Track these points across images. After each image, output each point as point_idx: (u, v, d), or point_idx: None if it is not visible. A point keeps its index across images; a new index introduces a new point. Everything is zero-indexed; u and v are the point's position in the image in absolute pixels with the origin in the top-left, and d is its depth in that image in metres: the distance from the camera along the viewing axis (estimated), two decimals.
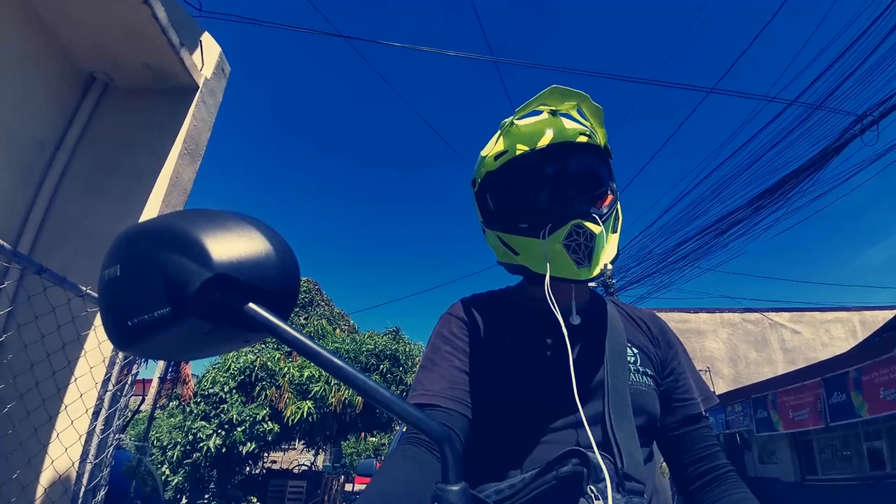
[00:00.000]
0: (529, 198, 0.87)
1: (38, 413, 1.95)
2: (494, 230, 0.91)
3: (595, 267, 0.83)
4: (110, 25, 2.53)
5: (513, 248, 0.88)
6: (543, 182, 0.86)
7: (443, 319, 0.97)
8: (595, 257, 0.82)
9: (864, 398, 6.96)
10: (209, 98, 3.02)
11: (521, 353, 0.89)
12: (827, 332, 14.93)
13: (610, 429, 0.80)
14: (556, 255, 0.82)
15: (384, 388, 0.38)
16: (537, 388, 0.85)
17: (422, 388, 0.86)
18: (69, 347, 2.01)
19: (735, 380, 13.59)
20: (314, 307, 14.90)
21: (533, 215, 0.86)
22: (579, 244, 0.81)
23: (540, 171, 0.86)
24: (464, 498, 0.39)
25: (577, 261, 0.81)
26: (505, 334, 0.92)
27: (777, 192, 6.64)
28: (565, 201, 0.84)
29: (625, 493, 0.75)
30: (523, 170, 0.86)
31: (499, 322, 0.94)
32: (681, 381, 0.94)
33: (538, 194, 0.86)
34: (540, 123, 0.86)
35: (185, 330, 0.34)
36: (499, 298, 1.00)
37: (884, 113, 5.35)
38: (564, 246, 0.81)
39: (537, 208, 0.86)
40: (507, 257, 0.91)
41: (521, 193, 0.88)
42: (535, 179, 0.87)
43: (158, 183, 2.69)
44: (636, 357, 0.91)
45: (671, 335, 1.00)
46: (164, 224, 0.36)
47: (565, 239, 0.81)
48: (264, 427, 9.25)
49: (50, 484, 2.05)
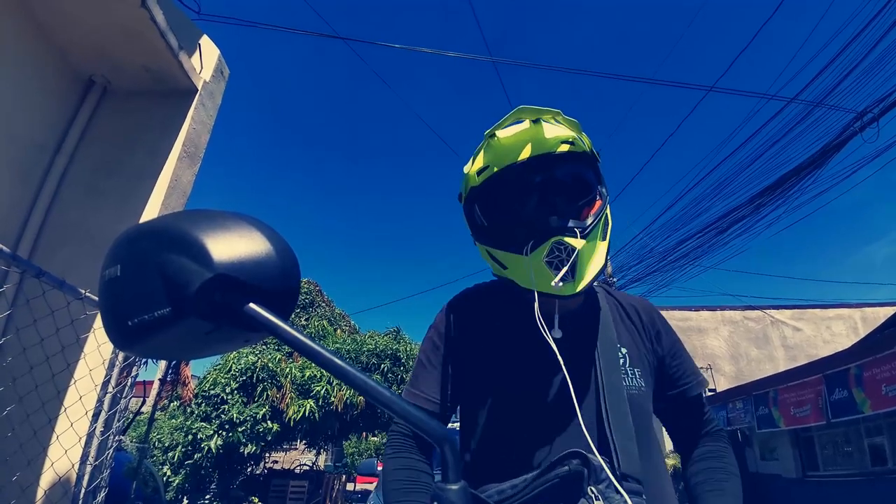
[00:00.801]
0: (513, 212, 0.87)
1: (37, 415, 1.95)
2: (483, 244, 0.91)
3: (580, 281, 0.82)
4: (109, 28, 2.53)
5: (500, 263, 0.88)
6: (527, 195, 0.85)
7: (441, 314, 0.98)
8: (579, 272, 0.82)
9: (866, 395, 6.96)
10: (208, 101, 3.02)
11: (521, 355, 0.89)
12: (828, 329, 14.94)
13: (608, 430, 0.81)
14: (539, 272, 0.81)
15: (384, 388, 0.38)
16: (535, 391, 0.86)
17: (416, 388, 0.91)
18: (68, 350, 2.00)
19: (736, 377, 13.59)
20: (315, 308, 14.89)
21: (516, 231, 0.85)
22: (561, 260, 0.80)
23: (523, 185, 0.85)
24: (463, 497, 0.39)
25: (563, 277, 0.80)
26: (504, 334, 0.92)
27: (778, 189, 6.64)
28: (546, 217, 0.83)
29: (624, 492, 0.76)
30: (506, 184, 0.86)
31: (498, 320, 0.94)
32: (675, 363, 0.97)
33: (522, 208, 0.86)
34: (521, 134, 0.85)
35: (186, 330, 0.34)
36: (503, 290, 0.99)
37: (884, 110, 5.35)
38: (546, 263, 0.81)
39: (521, 223, 0.85)
40: (497, 270, 0.91)
41: (505, 208, 0.88)
42: (518, 193, 0.86)
43: (158, 185, 2.69)
44: (625, 358, 0.92)
45: (661, 322, 1.01)
46: (164, 224, 0.36)
47: (546, 256, 0.81)
48: (265, 427, 9.25)
49: (50, 486, 2.05)
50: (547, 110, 0.85)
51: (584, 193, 0.87)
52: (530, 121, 0.86)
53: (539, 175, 0.84)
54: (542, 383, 0.86)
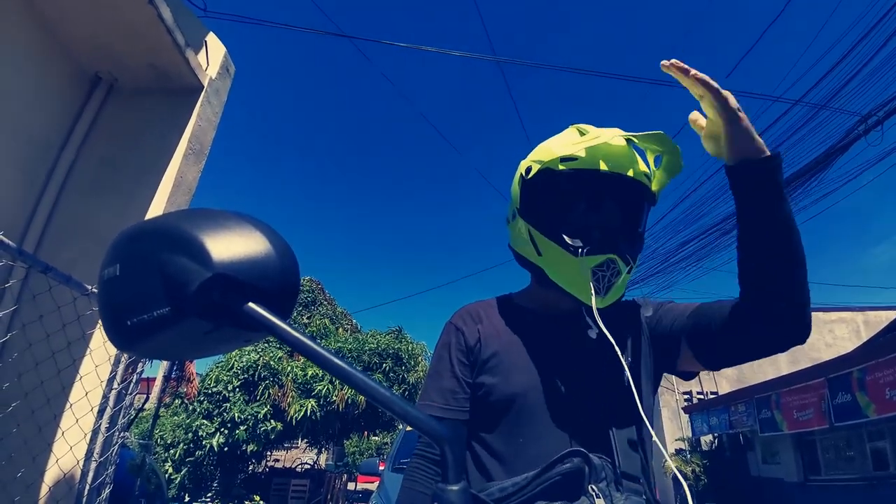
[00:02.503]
0: (578, 211, 0.88)
1: (42, 412, 1.96)
2: (528, 223, 0.90)
3: (609, 300, 0.85)
4: (115, 25, 2.54)
5: (538, 247, 0.88)
6: (597, 204, 0.88)
7: (446, 329, 0.99)
8: (612, 292, 0.85)
9: (870, 398, 6.92)
10: (214, 98, 3.02)
11: (523, 357, 0.90)
12: (831, 333, 14.85)
13: (610, 431, 0.82)
14: (582, 277, 0.84)
15: (384, 388, 0.38)
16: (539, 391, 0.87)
17: (428, 399, 0.92)
18: (74, 346, 2.01)
19: (739, 380, 13.53)
20: (317, 306, 14.91)
21: (574, 229, 0.86)
22: (605, 276, 0.84)
23: (597, 192, 0.87)
24: (464, 497, 0.39)
25: (596, 290, 0.83)
26: (506, 338, 0.93)
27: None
28: (611, 232, 0.86)
29: (624, 491, 0.77)
30: (584, 184, 0.86)
31: (500, 326, 0.95)
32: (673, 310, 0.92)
33: (588, 213, 0.88)
34: (618, 148, 0.86)
35: (185, 330, 0.34)
36: (501, 304, 1.01)
37: (888, 113, 5.33)
38: (592, 272, 0.83)
39: (581, 225, 0.87)
40: (527, 251, 0.91)
41: (571, 204, 0.88)
42: (590, 197, 0.88)
43: (163, 182, 2.69)
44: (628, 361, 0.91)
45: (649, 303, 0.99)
46: (163, 223, 0.36)
47: (596, 267, 0.83)
48: (267, 426, 9.28)
49: (54, 482, 2.06)
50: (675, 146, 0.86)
51: (638, 228, 0.91)
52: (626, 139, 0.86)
53: (620, 194, 0.88)
54: (545, 384, 0.87)
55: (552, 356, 0.89)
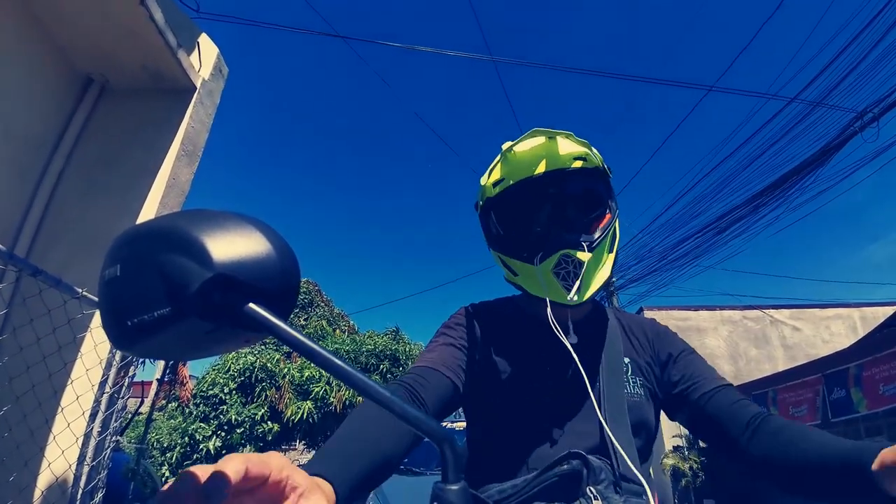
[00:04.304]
0: (526, 223, 0.91)
1: (34, 415, 1.95)
2: (496, 251, 0.95)
3: (586, 291, 0.85)
4: (107, 27, 2.53)
5: (512, 269, 0.92)
6: (540, 208, 0.90)
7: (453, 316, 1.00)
8: (585, 283, 0.85)
9: (863, 394, 6.98)
10: (207, 99, 3.01)
11: (524, 360, 0.91)
12: (827, 329, 14.96)
13: (608, 433, 0.82)
14: (548, 281, 0.86)
15: (383, 388, 0.38)
16: (539, 395, 0.87)
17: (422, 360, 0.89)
18: (65, 350, 2.00)
19: (736, 377, 13.61)
20: (314, 308, 14.89)
21: (529, 241, 0.89)
22: (568, 272, 0.85)
23: (536, 198, 0.89)
24: (463, 497, 0.39)
25: (567, 287, 0.84)
26: (508, 340, 0.94)
27: (777, 189, 6.66)
28: (557, 230, 0.87)
29: (622, 493, 0.77)
30: (520, 196, 0.89)
31: (502, 327, 0.96)
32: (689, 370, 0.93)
33: (534, 221, 0.90)
34: (536, 149, 0.88)
35: (185, 330, 0.34)
36: (503, 306, 1.02)
37: (884, 109, 5.37)
38: (554, 273, 0.85)
39: (533, 234, 0.90)
40: (509, 276, 0.95)
41: (519, 219, 0.92)
42: (531, 205, 0.90)
43: (156, 184, 2.68)
44: (628, 367, 0.93)
45: (670, 336, 1.00)
46: (164, 224, 0.36)
47: (554, 267, 0.85)
48: (264, 427, 9.25)
49: (47, 486, 2.04)
50: (560, 132, 0.89)
51: (595, 207, 0.91)
52: (546, 137, 0.89)
53: (552, 189, 0.89)
54: (546, 387, 0.88)
55: (551, 359, 0.90)
